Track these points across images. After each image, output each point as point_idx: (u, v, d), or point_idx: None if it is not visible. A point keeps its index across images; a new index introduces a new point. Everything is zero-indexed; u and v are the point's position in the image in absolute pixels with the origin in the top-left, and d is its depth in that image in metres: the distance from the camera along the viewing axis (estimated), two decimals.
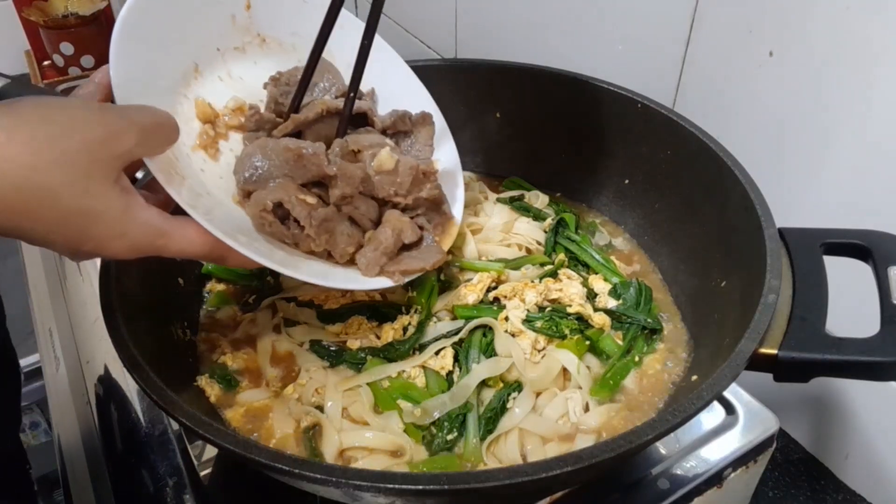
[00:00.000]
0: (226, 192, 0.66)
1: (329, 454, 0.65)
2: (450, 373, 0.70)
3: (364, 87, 0.77)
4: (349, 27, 0.74)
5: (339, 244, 0.68)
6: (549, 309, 0.76)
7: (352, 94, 0.71)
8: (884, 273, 0.59)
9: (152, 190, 0.58)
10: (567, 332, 0.73)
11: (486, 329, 0.73)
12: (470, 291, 0.77)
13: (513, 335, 0.72)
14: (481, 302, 0.77)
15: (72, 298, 0.99)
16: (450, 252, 0.79)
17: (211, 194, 0.63)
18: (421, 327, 0.74)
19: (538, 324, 0.73)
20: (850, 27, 0.67)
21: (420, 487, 0.46)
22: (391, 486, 0.46)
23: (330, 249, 0.68)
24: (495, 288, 0.79)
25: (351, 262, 0.69)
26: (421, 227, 0.73)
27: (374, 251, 0.69)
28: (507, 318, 0.74)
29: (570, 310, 0.76)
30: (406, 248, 0.72)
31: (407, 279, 0.70)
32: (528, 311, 0.75)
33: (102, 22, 1.60)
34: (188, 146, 0.65)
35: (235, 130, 0.70)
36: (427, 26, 1.41)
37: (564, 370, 0.70)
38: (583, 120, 0.90)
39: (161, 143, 0.55)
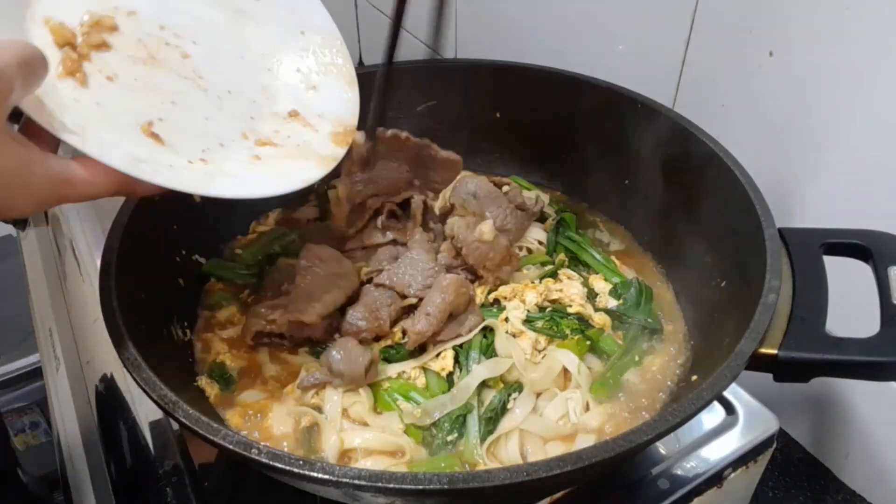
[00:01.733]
0: (111, 118, 0.59)
1: (329, 454, 0.65)
2: (450, 374, 0.70)
3: None
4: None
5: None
6: (549, 309, 0.76)
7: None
8: (884, 273, 0.59)
9: (33, 134, 0.52)
10: (568, 331, 0.73)
11: (487, 330, 0.73)
12: None
13: (513, 336, 0.72)
14: (482, 304, 0.77)
15: (72, 298, 0.99)
16: None
17: (98, 123, 0.58)
18: None
19: (539, 324, 0.73)
20: (850, 27, 0.67)
21: (420, 487, 0.46)
22: (391, 486, 0.46)
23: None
24: (495, 289, 0.79)
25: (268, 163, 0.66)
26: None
27: (427, 325, 0.70)
28: (507, 319, 0.74)
29: (570, 310, 0.76)
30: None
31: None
32: (528, 311, 0.75)
33: None
34: (53, 76, 0.58)
35: (98, 49, 0.62)
36: (427, 26, 1.41)
37: (565, 370, 0.70)
38: (583, 120, 0.90)
39: (35, 80, 0.50)
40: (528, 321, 0.74)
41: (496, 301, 0.78)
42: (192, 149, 0.62)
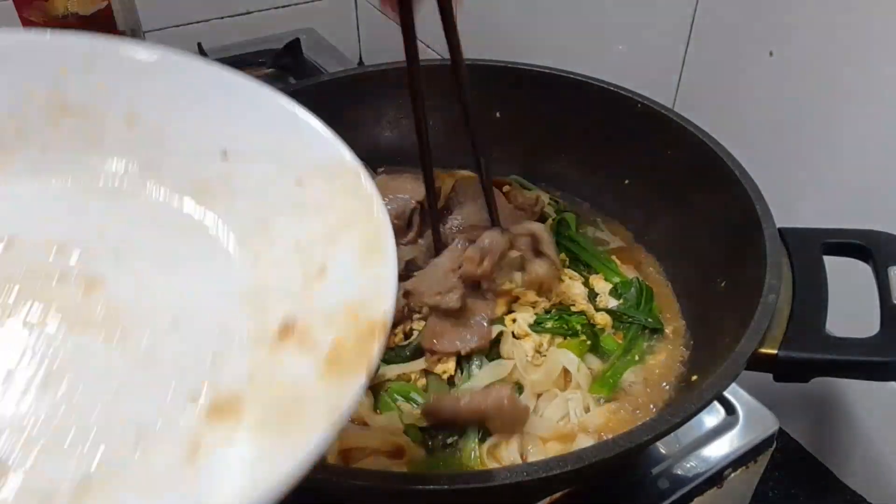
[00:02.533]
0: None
1: (329, 454, 0.65)
2: (451, 377, 0.70)
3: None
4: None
5: None
6: (554, 310, 0.76)
7: None
8: (884, 273, 0.59)
9: None
10: (578, 327, 0.73)
11: None
12: None
13: (517, 338, 0.72)
14: None
15: None
16: None
17: None
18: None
19: (548, 324, 0.73)
20: (850, 27, 0.67)
21: (420, 487, 0.46)
22: (391, 486, 0.46)
23: None
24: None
25: None
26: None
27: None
28: (514, 320, 0.74)
29: (573, 309, 0.76)
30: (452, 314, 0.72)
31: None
32: (536, 314, 0.75)
33: (102, 21, 1.60)
34: None
35: None
36: (427, 26, 1.41)
37: (565, 371, 0.70)
38: (583, 120, 0.90)
39: None
40: (536, 324, 0.73)
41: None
42: (72, 464, 0.32)
